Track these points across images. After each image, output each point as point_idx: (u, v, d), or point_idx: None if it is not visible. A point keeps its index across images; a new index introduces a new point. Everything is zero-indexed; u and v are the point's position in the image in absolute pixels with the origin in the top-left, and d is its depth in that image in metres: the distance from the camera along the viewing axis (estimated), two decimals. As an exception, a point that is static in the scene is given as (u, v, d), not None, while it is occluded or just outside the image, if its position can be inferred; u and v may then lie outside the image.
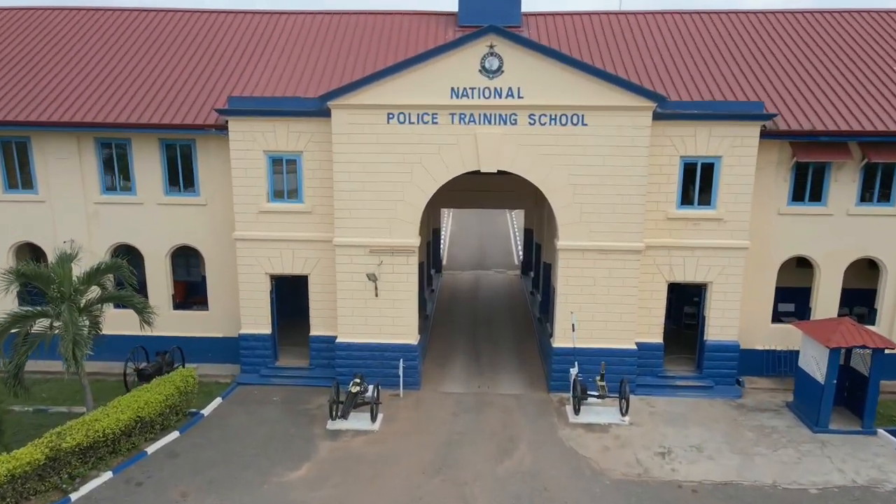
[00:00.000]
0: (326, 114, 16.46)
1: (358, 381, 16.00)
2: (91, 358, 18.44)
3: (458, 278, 28.96)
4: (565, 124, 16.12)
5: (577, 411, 16.18)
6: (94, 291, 15.12)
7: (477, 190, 25.93)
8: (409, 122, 16.25)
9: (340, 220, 16.82)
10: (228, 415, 16.36)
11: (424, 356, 19.64)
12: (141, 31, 21.33)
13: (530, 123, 16.17)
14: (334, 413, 15.51)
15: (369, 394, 16.05)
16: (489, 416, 16.30)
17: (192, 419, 15.94)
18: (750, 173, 16.63)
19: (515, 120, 16.19)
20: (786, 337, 18.26)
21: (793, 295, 19.39)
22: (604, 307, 16.97)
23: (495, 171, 16.79)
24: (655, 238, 16.99)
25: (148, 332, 15.87)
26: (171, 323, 19.10)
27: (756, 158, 16.55)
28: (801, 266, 18.72)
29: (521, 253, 32.25)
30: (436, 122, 16.24)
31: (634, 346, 17.25)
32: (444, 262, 32.05)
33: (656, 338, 17.66)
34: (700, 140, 16.54)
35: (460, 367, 19.42)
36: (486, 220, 40.60)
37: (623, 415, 16.07)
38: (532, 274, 26.99)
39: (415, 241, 16.88)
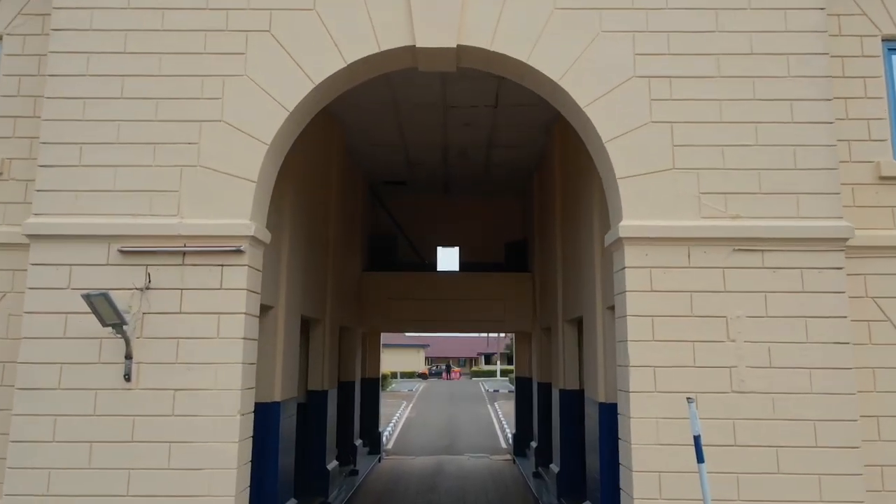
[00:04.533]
0: (63, -57, 7.06)
1: None
2: None
3: (407, 466, 17.15)
4: (616, -61, 6.81)
5: None
6: None
7: (436, 299, 15.88)
8: (247, -60, 6.85)
9: (50, 171, 6.47)
10: None
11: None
12: None
13: (534, -61, 6.84)
14: None
15: None
16: None
17: None
18: None
19: (498, -68, 6.88)
20: None
21: None
22: (765, 404, 6.07)
23: (454, 68, 7.05)
24: (867, 226, 6.75)
25: None
26: None
27: None
28: None
29: (510, 434, 20.72)
30: (309, -61, 6.86)
31: (869, 524, 5.99)
32: (390, 445, 20.28)
33: (908, 505, 6.44)
34: (922, 1, 7.23)
35: None
36: (458, 403, 29.25)
37: None
38: (534, 445, 15.53)
39: (245, 224, 6.39)
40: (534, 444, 15.51)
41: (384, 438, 19.91)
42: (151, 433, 6.07)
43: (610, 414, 8.31)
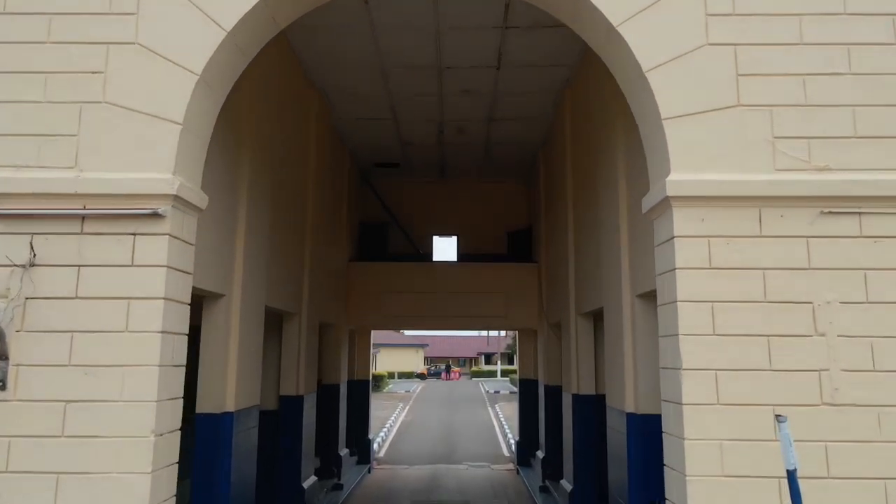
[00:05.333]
0: None
1: None
2: None
3: (400, 478, 15.55)
4: None
5: None
6: None
7: (432, 292, 14.30)
8: None
9: (-90, 109, 4.90)
10: None
11: None
12: None
13: None
14: None
15: None
16: None
17: None
18: None
19: None
20: None
21: None
22: (867, 421, 4.44)
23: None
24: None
25: None
26: None
27: None
28: None
29: (512, 440, 19.09)
30: None
31: None
32: (382, 452, 18.70)
33: None
34: None
35: None
36: (457, 404, 27.74)
37: None
38: (540, 455, 13.94)
39: (165, 179, 4.77)
40: (540, 455, 13.93)
41: (376, 445, 18.33)
42: (33, 460, 4.45)
43: (642, 427, 6.73)
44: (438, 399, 42.12)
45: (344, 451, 14.00)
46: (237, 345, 7.10)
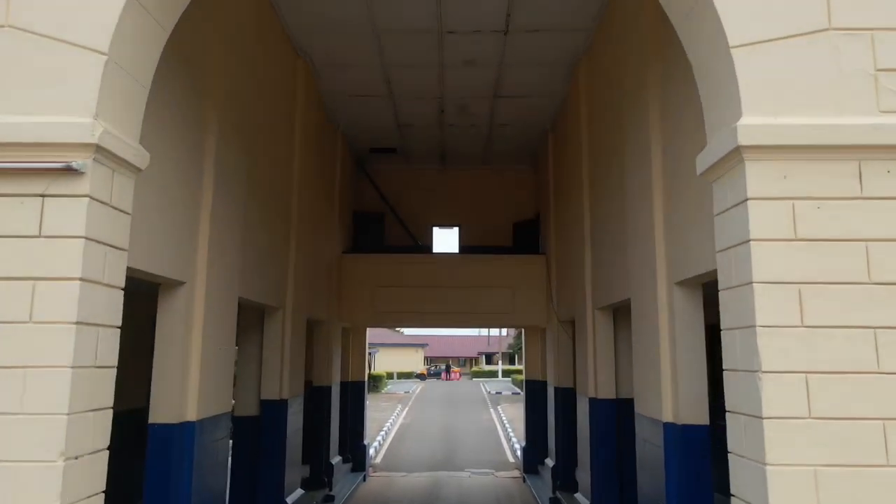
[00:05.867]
0: None
1: None
2: None
3: (397, 487, 14.44)
4: None
5: None
6: None
7: (432, 286, 13.21)
8: None
9: None
10: None
11: None
12: None
13: None
14: None
15: None
16: None
17: None
18: None
19: None
20: None
21: None
22: None
23: None
24: None
25: None
26: None
27: None
28: None
29: (517, 445, 17.98)
30: None
31: None
32: (378, 458, 17.59)
33: None
34: None
35: None
36: (457, 406, 26.78)
37: None
38: (550, 463, 12.83)
39: (83, 123, 3.66)
40: (549, 463, 12.82)
41: (372, 450, 17.23)
42: None
43: (684, 440, 5.62)
44: (438, 400, 41.04)
45: (336, 459, 12.89)
46: (201, 342, 5.99)
